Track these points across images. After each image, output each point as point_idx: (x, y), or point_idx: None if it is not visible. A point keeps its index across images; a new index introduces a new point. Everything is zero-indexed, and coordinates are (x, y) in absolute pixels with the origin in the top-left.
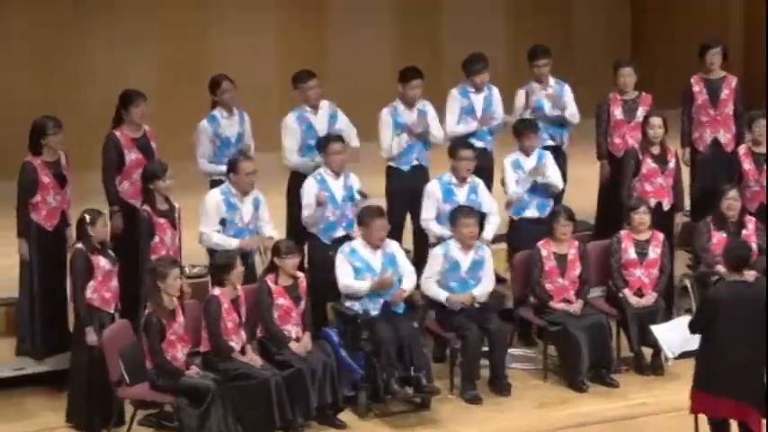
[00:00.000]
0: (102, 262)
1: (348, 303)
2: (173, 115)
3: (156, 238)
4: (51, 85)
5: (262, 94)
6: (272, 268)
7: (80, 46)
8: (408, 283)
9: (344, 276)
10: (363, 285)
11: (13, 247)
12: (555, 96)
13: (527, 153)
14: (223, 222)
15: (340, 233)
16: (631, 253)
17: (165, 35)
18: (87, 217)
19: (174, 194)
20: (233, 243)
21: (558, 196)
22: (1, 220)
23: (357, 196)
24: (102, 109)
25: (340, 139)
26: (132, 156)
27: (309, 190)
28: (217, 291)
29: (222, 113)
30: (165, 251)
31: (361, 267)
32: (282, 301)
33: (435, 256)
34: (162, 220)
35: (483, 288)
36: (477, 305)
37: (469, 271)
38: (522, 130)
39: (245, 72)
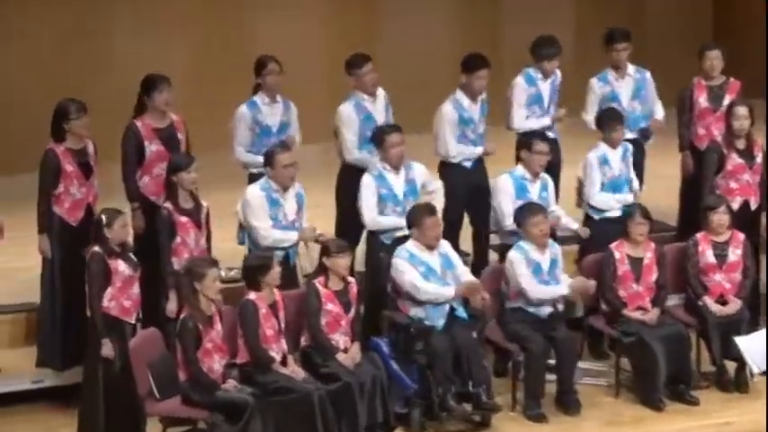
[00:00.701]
0: (121, 267)
1: (413, 311)
2: (204, 104)
3: (178, 239)
4: (74, 71)
5: (306, 82)
6: (321, 270)
7: (104, 28)
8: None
9: (418, 280)
10: (448, 291)
11: (35, 246)
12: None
13: (613, 146)
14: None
15: (402, 232)
16: (709, 256)
17: (198, 18)
18: (103, 218)
19: (208, 189)
20: (293, 237)
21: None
22: (25, 217)
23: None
24: (128, 96)
25: (398, 129)
26: (153, 148)
27: (369, 188)
28: (252, 295)
29: (264, 99)
30: (187, 253)
31: (424, 271)
32: (331, 306)
33: (518, 262)
34: (184, 219)
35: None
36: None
37: (550, 271)
38: (608, 121)
39: (288, 58)
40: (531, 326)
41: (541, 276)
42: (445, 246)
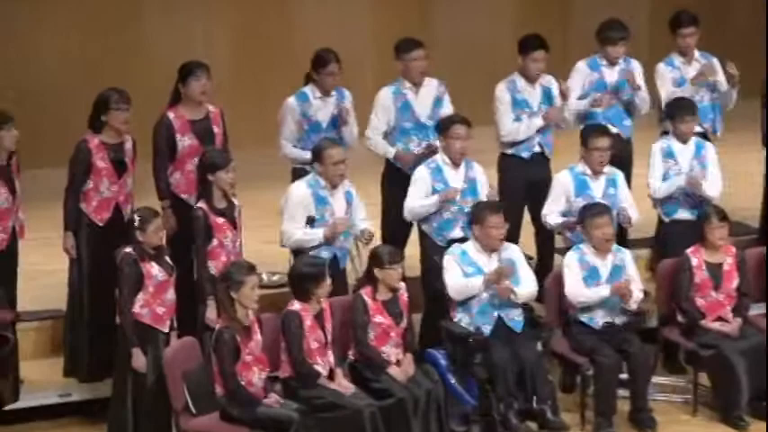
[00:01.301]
0: (154, 270)
1: (458, 317)
2: (245, 95)
3: (215, 241)
4: (106, 60)
5: (353, 71)
6: (369, 280)
7: (138, 14)
8: (524, 290)
9: (454, 277)
10: (475, 282)
11: (55, 250)
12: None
13: (682, 140)
14: (311, 221)
15: (457, 233)
16: None
17: (237, 2)
18: (137, 219)
19: (248, 187)
20: (318, 234)
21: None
22: (53, 216)
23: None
24: (163, 88)
25: (465, 121)
26: (186, 141)
27: (423, 179)
28: (297, 305)
29: (315, 93)
30: (224, 256)
31: (471, 274)
32: (381, 318)
33: (571, 263)
34: (221, 220)
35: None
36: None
37: (610, 278)
38: (677, 112)
39: (331, 46)
40: (600, 337)
41: (597, 284)
42: (511, 249)
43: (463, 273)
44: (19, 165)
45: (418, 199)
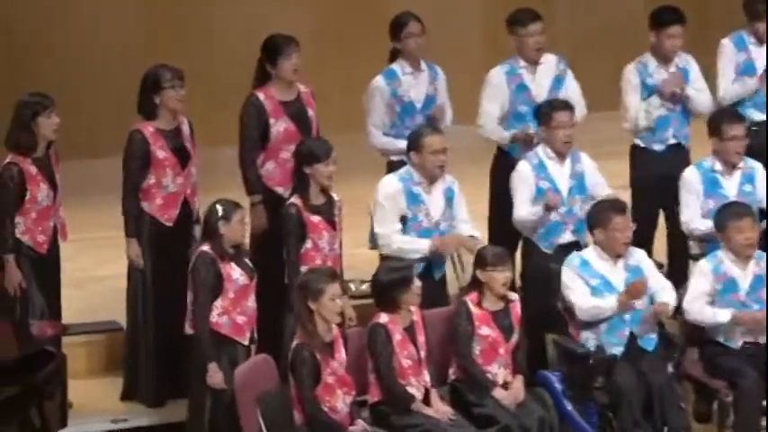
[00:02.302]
0: (235, 273)
1: (583, 336)
2: (329, 75)
3: (309, 243)
4: (170, 37)
5: (455, 49)
6: (475, 285)
7: None
8: (668, 297)
9: (581, 297)
10: (607, 305)
11: (119, 248)
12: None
13: None
14: (403, 220)
15: (567, 238)
16: None
17: None
18: (219, 209)
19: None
20: (423, 245)
21: None
22: (107, 212)
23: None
24: (234, 67)
25: (569, 107)
26: (281, 126)
27: (525, 178)
28: (384, 317)
29: (404, 68)
30: (320, 260)
31: (598, 286)
32: (487, 331)
33: (702, 273)
34: (316, 218)
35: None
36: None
37: (751, 291)
38: None
39: (432, 19)
40: (741, 358)
41: (736, 296)
42: (638, 257)
43: (588, 286)
44: (58, 155)
45: (527, 205)
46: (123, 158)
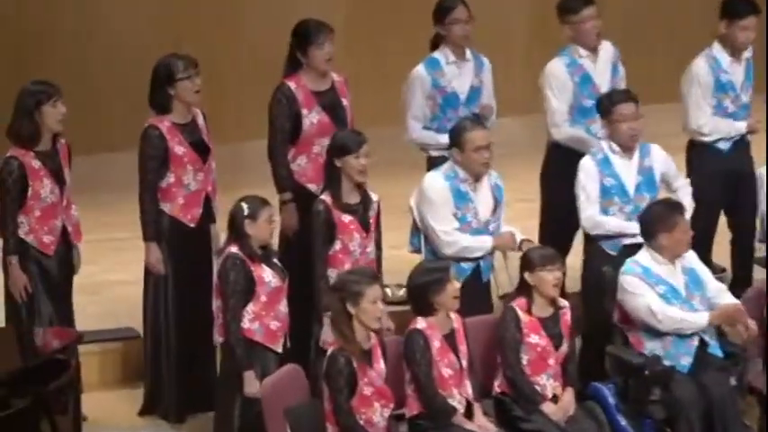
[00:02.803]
0: (267, 275)
1: (649, 345)
2: (364, 64)
3: (338, 244)
4: (192, 24)
5: (502, 36)
6: (523, 290)
7: None
8: (729, 300)
9: (657, 304)
10: (701, 318)
11: (136, 251)
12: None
13: None
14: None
15: (632, 239)
16: None
17: None
18: (245, 208)
19: (369, 178)
20: (487, 243)
21: None
22: (123, 211)
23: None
24: (261, 55)
25: (632, 97)
26: (314, 118)
27: (591, 175)
28: (421, 323)
29: (448, 56)
30: (350, 264)
31: (665, 293)
32: (536, 339)
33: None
34: (348, 218)
35: None
36: None
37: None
38: None
39: (479, 6)
40: None
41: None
42: (690, 258)
43: (658, 294)
44: (69, 149)
45: (595, 205)
46: (139, 157)
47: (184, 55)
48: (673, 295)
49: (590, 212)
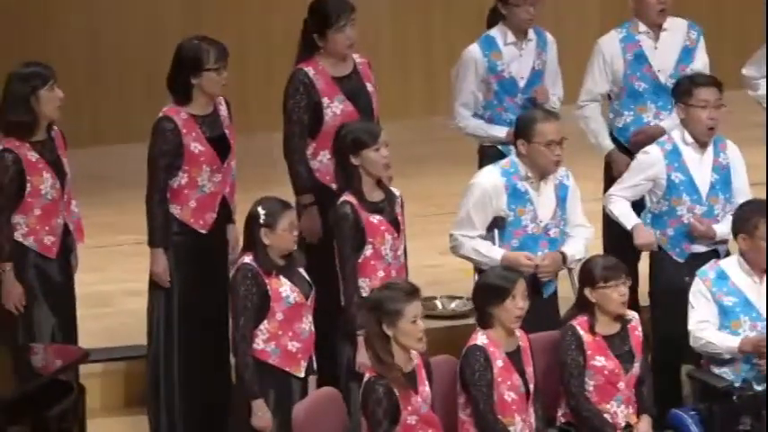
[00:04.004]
0: (284, 289)
1: (718, 371)
2: (400, 44)
3: (369, 249)
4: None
5: (570, 14)
6: (584, 306)
7: None
8: None
9: (698, 325)
10: (724, 342)
11: (144, 259)
12: None
13: None
14: (500, 223)
15: (701, 245)
16: None
17: None
18: (261, 214)
19: (405, 173)
20: (495, 255)
21: None
22: (138, 211)
23: None
24: (290, 39)
25: (716, 84)
26: (337, 107)
27: (652, 164)
28: (482, 338)
29: (506, 36)
30: (382, 270)
31: (733, 306)
32: (602, 361)
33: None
34: (376, 218)
35: None
36: None
37: None
38: None
39: None
40: None
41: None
42: None
43: (719, 306)
44: (64, 137)
45: (626, 189)
46: (149, 152)
47: (215, 41)
48: (744, 310)
49: (614, 189)
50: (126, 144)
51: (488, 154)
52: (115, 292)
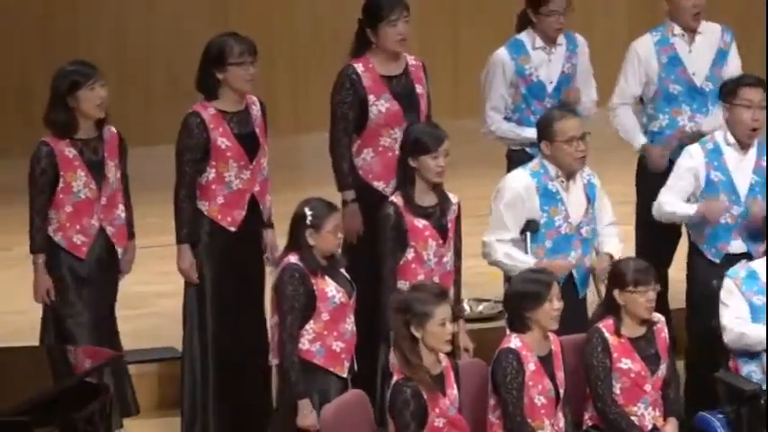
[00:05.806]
0: (330, 290)
1: (745, 369)
2: (435, 46)
3: (411, 253)
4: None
5: (599, 14)
6: (611, 308)
7: None
8: None
9: (734, 319)
10: (756, 336)
11: (170, 264)
12: None
13: None
14: (534, 228)
15: (737, 246)
16: None
17: None
18: (308, 215)
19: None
20: (528, 261)
21: None
22: (164, 213)
23: None
24: (319, 38)
25: (761, 84)
26: (382, 105)
27: (694, 165)
28: (515, 341)
29: (535, 40)
30: (424, 275)
31: (762, 306)
32: (629, 363)
33: None
34: (422, 223)
35: None
36: None
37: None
38: None
39: None
40: None
41: None
42: None
43: (750, 305)
44: (122, 138)
45: (676, 193)
46: (176, 147)
47: (242, 37)
48: None
49: (664, 199)
50: (149, 146)
51: (517, 158)
52: (145, 294)
